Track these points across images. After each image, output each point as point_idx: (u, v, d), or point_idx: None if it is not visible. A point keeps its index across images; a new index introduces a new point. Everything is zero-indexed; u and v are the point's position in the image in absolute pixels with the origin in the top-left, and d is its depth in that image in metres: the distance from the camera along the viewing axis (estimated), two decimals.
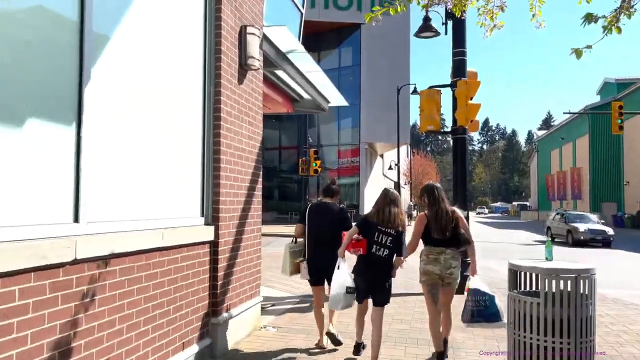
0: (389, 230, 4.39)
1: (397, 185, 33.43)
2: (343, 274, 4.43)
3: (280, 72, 7.19)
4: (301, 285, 8.88)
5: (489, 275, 10.49)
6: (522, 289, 4.16)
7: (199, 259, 4.41)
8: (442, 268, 4.53)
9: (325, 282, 5.12)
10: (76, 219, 3.03)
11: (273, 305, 7.05)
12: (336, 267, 4.46)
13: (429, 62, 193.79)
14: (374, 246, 4.39)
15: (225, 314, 4.81)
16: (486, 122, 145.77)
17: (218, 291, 4.68)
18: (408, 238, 4.76)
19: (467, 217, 8.82)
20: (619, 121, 20.47)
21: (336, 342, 5.11)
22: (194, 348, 4.32)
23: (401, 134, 32.99)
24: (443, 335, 4.73)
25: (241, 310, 5.21)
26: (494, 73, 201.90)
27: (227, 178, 4.85)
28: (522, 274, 4.16)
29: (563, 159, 52.95)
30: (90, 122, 3.13)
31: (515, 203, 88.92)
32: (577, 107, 50.06)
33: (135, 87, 3.67)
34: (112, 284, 3.25)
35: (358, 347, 4.80)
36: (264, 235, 21.95)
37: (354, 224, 4.87)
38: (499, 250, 18.18)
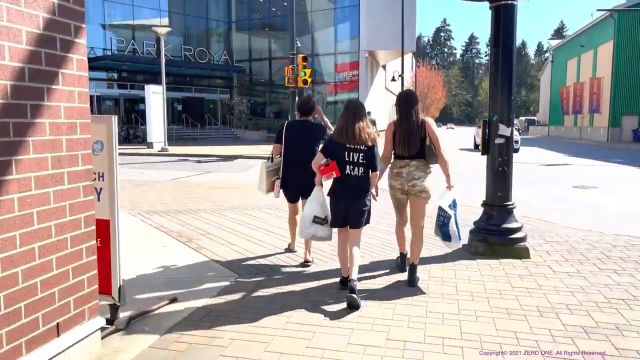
0: (358, 147, 4.04)
1: None
2: (314, 203, 4.20)
3: None
4: (256, 242, 5.76)
5: (525, 215, 7.39)
6: None
7: None
8: (404, 181, 4.39)
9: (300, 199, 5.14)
10: None
11: (173, 300, 3.92)
12: (311, 194, 4.26)
13: None
14: (347, 166, 4.06)
15: None
16: None
17: None
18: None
19: (510, 135, 5.57)
20: None
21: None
22: None
23: (406, 41, 28.76)
24: (411, 260, 4.44)
25: None
26: None
27: None
28: None
29: (581, 69, 48.44)
30: None
31: (522, 118, 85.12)
32: (595, 15, 44.87)
33: None
34: None
35: (345, 282, 4.19)
36: (242, 157, 18.74)
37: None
38: (522, 173, 15.03)
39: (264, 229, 6.71)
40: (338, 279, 4.46)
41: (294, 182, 5.03)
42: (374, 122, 22.19)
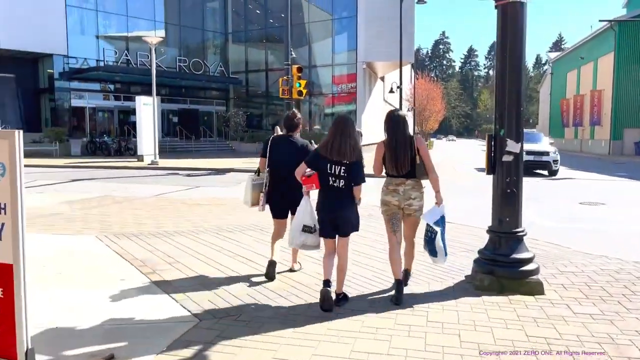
0: (342, 160, 4.13)
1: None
2: (303, 212, 4.32)
3: None
4: (229, 274, 4.99)
5: (533, 237, 6.66)
6: None
7: None
8: (401, 199, 4.46)
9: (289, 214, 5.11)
10: None
11: (109, 359, 3.16)
12: (300, 205, 4.40)
13: None
14: (330, 178, 4.18)
15: None
16: (493, 46, 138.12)
17: None
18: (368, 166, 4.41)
19: (519, 153, 4.88)
20: None
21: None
22: None
23: (404, 52, 28.25)
24: (405, 266, 4.65)
25: None
26: None
27: None
28: None
29: (581, 81, 47.99)
30: None
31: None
32: (595, 27, 44.56)
33: None
34: None
35: (327, 283, 4.18)
36: (234, 171, 17.95)
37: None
38: (524, 188, 14.29)
39: (242, 256, 5.97)
40: (318, 324, 3.73)
41: (279, 197, 5.04)
42: (359, 134, 21.61)
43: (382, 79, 41.05)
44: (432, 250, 4.52)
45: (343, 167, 4.13)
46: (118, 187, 14.23)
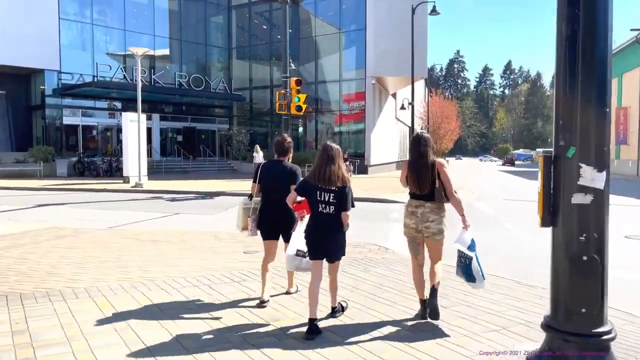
0: (330, 187, 4.21)
1: (411, 131, 27.02)
2: (296, 238, 4.47)
3: None
4: None
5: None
6: None
7: None
8: (418, 221, 4.44)
9: (281, 238, 5.08)
10: None
11: None
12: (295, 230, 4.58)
13: None
14: (319, 205, 4.26)
15: None
16: (508, 64, 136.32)
17: None
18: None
19: (604, 189, 2.68)
20: None
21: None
22: None
23: (416, 67, 26.27)
24: (431, 283, 4.45)
25: None
26: (517, 11, 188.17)
27: None
28: None
29: None
30: None
31: (540, 150, 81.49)
32: (619, 42, 42.21)
33: None
34: None
35: (311, 323, 4.10)
36: (225, 195, 15.58)
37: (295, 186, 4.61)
38: None
39: (151, 349, 3.86)
40: None
41: (269, 221, 5.00)
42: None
43: (394, 95, 39.10)
44: (469, 277, 4.36)
45: (332, 194, 4.20)
46: (83, 215, 12.32)
